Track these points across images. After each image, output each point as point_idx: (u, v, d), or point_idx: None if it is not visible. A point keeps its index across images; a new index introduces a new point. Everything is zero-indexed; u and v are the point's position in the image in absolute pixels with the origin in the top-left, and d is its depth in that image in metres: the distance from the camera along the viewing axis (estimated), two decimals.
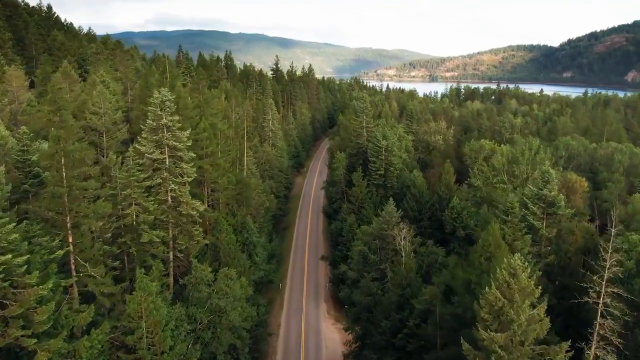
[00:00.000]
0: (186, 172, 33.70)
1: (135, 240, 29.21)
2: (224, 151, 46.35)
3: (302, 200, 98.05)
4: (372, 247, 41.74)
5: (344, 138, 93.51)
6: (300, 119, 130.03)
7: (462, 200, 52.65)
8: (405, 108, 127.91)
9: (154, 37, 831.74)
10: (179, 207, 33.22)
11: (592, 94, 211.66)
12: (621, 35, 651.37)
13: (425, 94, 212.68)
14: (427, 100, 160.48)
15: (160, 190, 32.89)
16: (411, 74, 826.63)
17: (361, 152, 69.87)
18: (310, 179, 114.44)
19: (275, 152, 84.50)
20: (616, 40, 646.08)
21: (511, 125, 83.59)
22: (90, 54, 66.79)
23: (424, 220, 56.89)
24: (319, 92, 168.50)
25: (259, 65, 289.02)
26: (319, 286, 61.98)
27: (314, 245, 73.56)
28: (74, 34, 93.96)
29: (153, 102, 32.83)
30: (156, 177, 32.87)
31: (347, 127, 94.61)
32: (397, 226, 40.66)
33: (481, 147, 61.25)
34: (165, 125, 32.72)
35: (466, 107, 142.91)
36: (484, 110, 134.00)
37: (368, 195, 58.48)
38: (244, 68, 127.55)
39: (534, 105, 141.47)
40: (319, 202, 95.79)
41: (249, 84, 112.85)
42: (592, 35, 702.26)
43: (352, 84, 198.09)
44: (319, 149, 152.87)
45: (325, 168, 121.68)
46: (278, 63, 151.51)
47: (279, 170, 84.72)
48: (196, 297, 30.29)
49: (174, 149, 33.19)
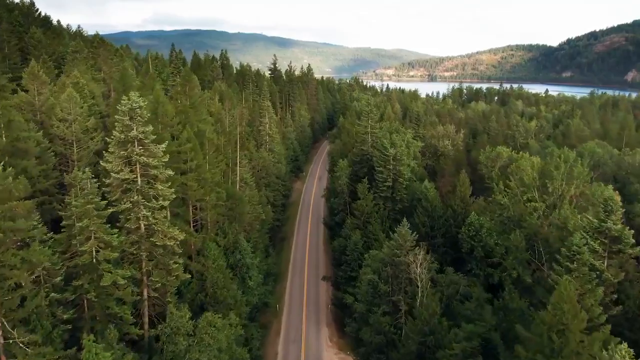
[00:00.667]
0: (162, 194, 27.82)
1: (95, 283, 23.35)
2: (212, 163, 40.50)
3: (301, 208, 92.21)
4: (383, 275, 36.03)
5: (345, 143, 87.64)
6: (299, 120, 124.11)
7: (480, 216, 46.98)
8: (409, 109, 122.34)
9: (152, 37, 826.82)
10: (153, 236, 27.35)
11: (595, 94, 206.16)
12: (621, 35, 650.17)
13: (428, 94, 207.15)
14: (430, 101, 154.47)
15: (130, 216, 27.01)
16: (410, 73, 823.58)
17: (366, 159, 64.08)
18: (310, 184, 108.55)
19: (272, 157, 78.57)
20: (616, 40, 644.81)
21: (525, 130, 77.74)
22: (69, 53, 60.71)
23: (437, 237, 51.16)
24: (318, 93, 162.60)
25: (257, 65, 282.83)
26: (320, 308, 56.04)
27: (314, 260, 67.72)
28: (57, 32, 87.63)
29: (121, 109, 26.94)
30: (125, 201, 26.99)
31: (349, 131, 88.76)
32: (412, 252, 34.94)
33: (498, 155, 55.57)
34: (135, 137, 26.84)
35: (471, 108, 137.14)
36: (491, 112, 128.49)
37: (375, 209, 52.71)
38: (240, 68, 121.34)
39: (541, 106, 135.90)
40: (319, 211, 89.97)
41: (245, 84, 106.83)
42: (592, 35, 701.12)
43: (352, 84, 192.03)
44: (319, 151, 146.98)
45: (326, 173, 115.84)
46: (276, 63, 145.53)
47: (276, 177, 78.80)
48: (171, 350, 24.49)
49: (147, 167, 27.31)
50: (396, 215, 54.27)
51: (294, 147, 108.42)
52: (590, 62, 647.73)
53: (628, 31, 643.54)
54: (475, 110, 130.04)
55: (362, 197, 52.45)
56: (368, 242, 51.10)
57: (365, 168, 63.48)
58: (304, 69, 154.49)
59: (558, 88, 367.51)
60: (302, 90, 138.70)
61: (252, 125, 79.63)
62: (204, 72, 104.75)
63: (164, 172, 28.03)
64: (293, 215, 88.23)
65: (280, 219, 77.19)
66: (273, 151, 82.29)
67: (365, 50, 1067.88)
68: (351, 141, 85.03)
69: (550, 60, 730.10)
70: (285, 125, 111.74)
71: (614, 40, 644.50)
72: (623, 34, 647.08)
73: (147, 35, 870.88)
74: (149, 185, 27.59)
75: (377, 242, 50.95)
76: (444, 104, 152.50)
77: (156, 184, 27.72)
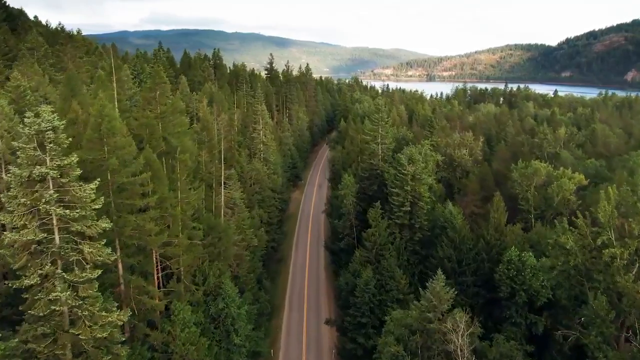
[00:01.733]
0: (92, 258, 18.34)
1: None
2: (185, 191, 30.99)
3: (300, 222, 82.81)
4: (410, 345, 26.81)
5: (349, 151, 78.11)
6: (297, 124, 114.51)
7: (521, 251, 37.77)
8: (415, 112, 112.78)
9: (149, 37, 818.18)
10: (75, 327, 17.84)
11: (602, 94, 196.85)
12: (620, 34, 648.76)
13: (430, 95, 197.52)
14: (435, 103, 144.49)
15: (39, 297, 17.53)
16: (408, 73, 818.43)
17: (375, 174, 54.69)
18: (309, 192, 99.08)
19: (267, 169, 68.99)
20: (615, 39, 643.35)
21: (555, 137, 68.47)
22: (22, 50, 50.96)
23: (466, 274, 41.86)
24: (317, 94, 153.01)
25: (254, 65, 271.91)
26: (323, 354, 46.69)
27: (314, 291, 58.14)
28: (26, 27, 77.68)
29: (25, 132, 17.46)
30: (32, 273, 17.49)
31: (352, 138, 79.23)
32: (450, 316, 25.73)
33: (536, 172, 46.40)
34: (45, 175, 17.35)
35: (480, 111, 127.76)
36: (502, 115, 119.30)
37: (389, 239, 43.34)
38: (234, 68, 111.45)
39: (555, 108, 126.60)
40: (319, 225, 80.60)
41: (238, 86, 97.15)
42: (591, 35, 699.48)
43: (352, 84, 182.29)
44: (318, 155, 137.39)
45: (325, 180, 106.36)
46: (273, 62, 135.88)
47: (271, 190, 69.11)
48: None
49: (67, 220, 17.84)
50: (414, 246, 45.01)
51: (291, 153, 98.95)
52: (589, 62, 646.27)
53: (628, 31, 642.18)
54: (487, 113, 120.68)
55: (374, 224, 43.11)
56: (381, 280, 41.83)
57: (375, 185, 54.19)
58: (302, 69, 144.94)
59: (559, 88, 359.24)
60: (301, 92, 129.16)
61: (244, 133, 70.05)
62: (195, 72, 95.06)
63: (95, 225, 18.51)
64: (291, 231, 78.78)
65: (276, 238, 67.71)
66: (268, 161, 72.66)
67: (363, 50, 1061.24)
68: (355, 149, 75.51)
69: (550, 60, 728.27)
70: (282, 129, 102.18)
71: (614, 40, 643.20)
72: (622, 33, 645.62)
73: (144, 35, 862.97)
74: (70, 247, 18.08)
75: (392, 281, 41.69)
76: (451, 105, 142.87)
77: (82, 244, 18.21)
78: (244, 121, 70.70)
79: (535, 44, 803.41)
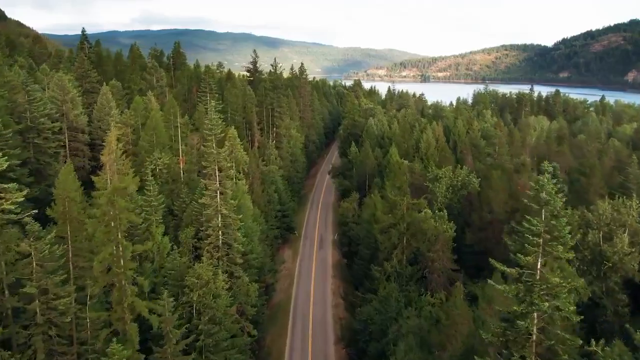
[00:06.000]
0: None
1: None
2: None
3: (293, 328, 49.16)
4: None
5: (379, 219, 46.79)
6: (288, 147, 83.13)
7: None
8: (452, 133, 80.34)
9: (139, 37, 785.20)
10: None
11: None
12: (618, 34, 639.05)
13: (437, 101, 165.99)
14: (464, 113, 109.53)
15: None
16: (402, 74, 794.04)
17: None
18: (307, 256, 65.09)
19: (227, 265, 36.77)
20: (613, 39, 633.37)
21: None
22: None
23: None
24: (313, 102, 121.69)
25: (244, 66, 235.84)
26: None
27: None
28: None
29: None
30: None
31: (386, 197, 47.83)
32: None
33: None
34: None
35: (529, 126, 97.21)
36: (562, 133, 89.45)
37: None
38: (194, 69, 78.94)
39: (624, 122, 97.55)
40: (327, 328, 48.36)
41: (199, 96, 65.29)
42: (588, 34, 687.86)
43: (354, 87, 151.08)
44: (316, 182, 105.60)
45: (328, 231, 75.30)
46: (257, 62, 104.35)
47: (229, 305, 37.57)
48: None
49: None
50: None
51: (279, 193, 67.37)
52: (588, 62, 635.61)
53: (626, 30, 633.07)
54: (540, 130, 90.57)
55: None
56: None
57: None
58: (295, 70, 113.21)
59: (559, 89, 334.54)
60: (293, 100, 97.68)
61: (192, 196, 38.30)
62: (131, 76, 62.87)
63: None
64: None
65: None
66: (231, 228, 39.69)
67: (356, 50, 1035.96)
68: (385, 213, 43.45)
69: (547, 60, 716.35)
70: (267, 158, 70.81)
71: (612, 40, 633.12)
72: (621, 33, 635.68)
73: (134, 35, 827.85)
74: None
75: None
76: (482, 117, 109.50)
77: None
78: (193, 165, 38.96)
79: (531, 44, 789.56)
